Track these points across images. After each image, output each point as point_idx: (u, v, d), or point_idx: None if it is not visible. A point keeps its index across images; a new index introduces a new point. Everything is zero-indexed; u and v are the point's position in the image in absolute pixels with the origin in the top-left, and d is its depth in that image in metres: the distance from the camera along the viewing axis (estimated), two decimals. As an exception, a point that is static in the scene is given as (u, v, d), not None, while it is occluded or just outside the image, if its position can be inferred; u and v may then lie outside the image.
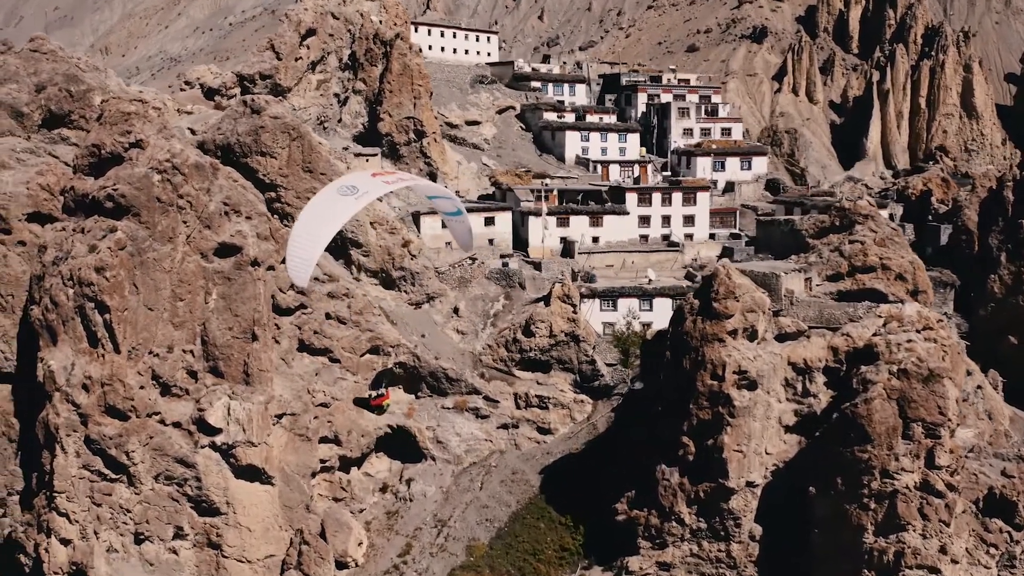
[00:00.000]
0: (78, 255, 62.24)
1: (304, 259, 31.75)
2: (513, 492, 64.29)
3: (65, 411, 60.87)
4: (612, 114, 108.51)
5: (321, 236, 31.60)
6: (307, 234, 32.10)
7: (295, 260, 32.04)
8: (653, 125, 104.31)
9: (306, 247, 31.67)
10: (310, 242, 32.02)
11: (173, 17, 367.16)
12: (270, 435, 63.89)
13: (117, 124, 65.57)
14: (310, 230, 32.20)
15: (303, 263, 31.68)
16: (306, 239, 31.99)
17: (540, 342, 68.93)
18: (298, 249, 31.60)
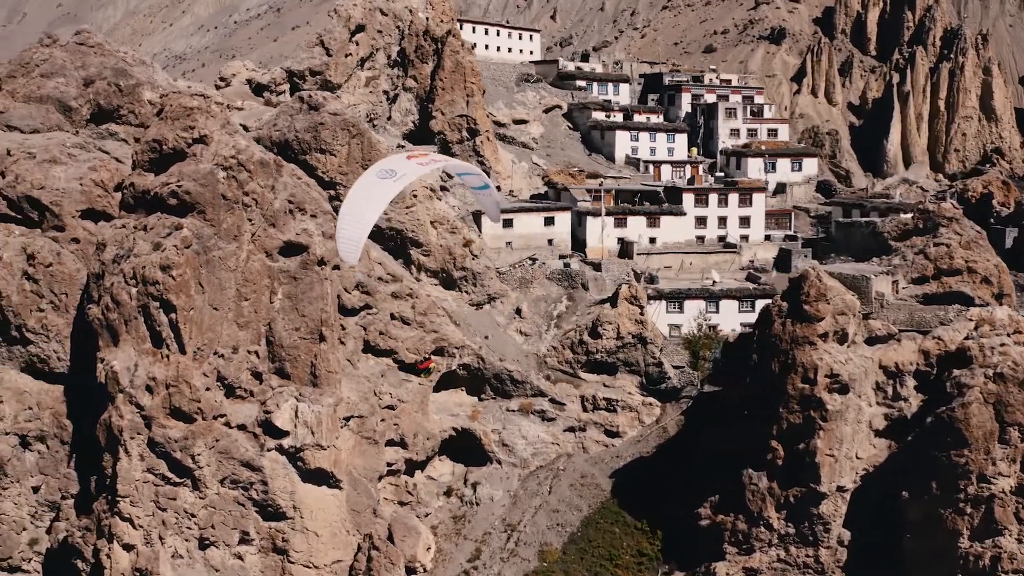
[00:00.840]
0: (141, 253, 59.48)
1: (353, 239, 33.36)
2: (584, 496, 62.02)
3: (129, 413, 57.98)
4: (658, 114, 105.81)
5: (366, 217, 33.16)
6: (353, 216, 33.70)
7: (344, 242, 33.76)
8: (699, 125, 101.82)
9: (353, 228, 33.34)
10: (357, 224, 33.61)
11: (177, 15, 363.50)
12: (338, 438, 61.58)
13: (179, 119, 62.78)
14: (355, 212, 33.80)
15: (352, 243, 33.24)
16: (353, 220, 33.57)
17: (607, 344, 66.49)
18: (346, 230, 33.18)
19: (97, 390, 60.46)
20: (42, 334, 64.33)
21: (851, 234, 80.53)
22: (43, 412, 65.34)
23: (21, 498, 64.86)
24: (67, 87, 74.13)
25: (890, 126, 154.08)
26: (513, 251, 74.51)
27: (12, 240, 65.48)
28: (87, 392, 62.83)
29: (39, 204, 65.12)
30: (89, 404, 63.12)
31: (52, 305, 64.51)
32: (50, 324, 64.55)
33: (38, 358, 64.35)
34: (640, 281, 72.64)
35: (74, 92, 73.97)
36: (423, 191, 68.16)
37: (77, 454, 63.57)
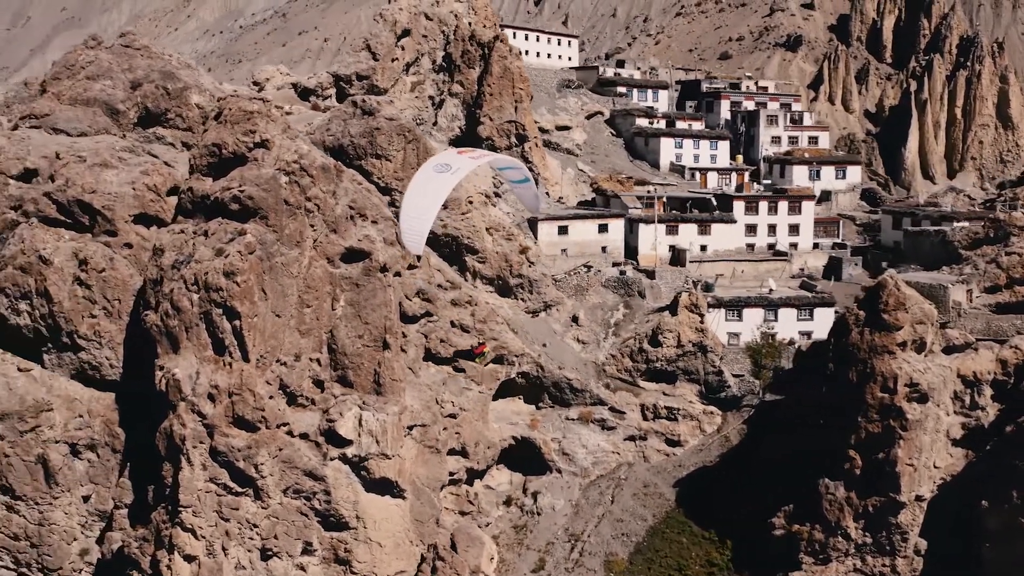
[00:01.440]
0: (203, 259, 57.90)
1: (417, 231, 34.63)
2: (647, 505, 60.79)
3: (191, 422, 56.21)
4: (700, 121, 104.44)
5: (428, 210, 34.35)
6: (416, 208, 34.89)
7: (408, 234, 35.04)
8: (740, 132, 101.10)
9: (416, 220, 34.60)
10: (420, 216, 34.84)
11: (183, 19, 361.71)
12: (402, 447, 60.23)
13: (239, 123, 61.22)
14: (417, 205, 35.03)
15: (417, 235, 34.51)
16: (415, 213, 34.77)
17: (667, 352, 65.44)
18: (409, 222, 34.44)
19: (154, 398, 58.92)
20: (94, 341, 62.70)
21: (919, 243, 79.65)
22: (94, 420, 63.77)
23: (72, 508, 63.26)
24: (114, 90, 72.46)
25: (908, 134, 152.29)
26: (568, 258, 72.96)
27: (63, 245, 63.94)
28: (140, 400, 61.57)
29: (90, 208, 63.49)
30: (143, 412, 61.67)
31: (105, 311, 62.87)
32: (103, 331, 62.86)
33: (89, 365, 62.74)
34: (696, 289, 71.25)
35: (121, 95, 72.30)
36: (478, 197, 66.99)
37: (131, 463, 62.32)
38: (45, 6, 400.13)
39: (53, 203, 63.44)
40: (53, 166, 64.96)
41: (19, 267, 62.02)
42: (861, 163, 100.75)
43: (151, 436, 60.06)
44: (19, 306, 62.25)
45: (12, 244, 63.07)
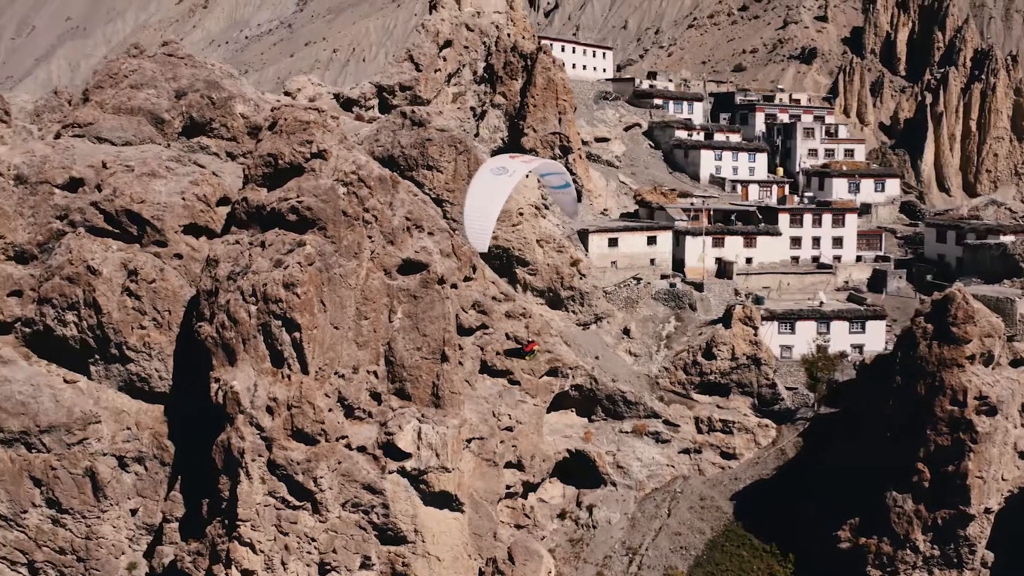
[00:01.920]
0: (260, 270, 56.94)
1: (481, 229, 36.05)
2: (705, 519, 59.98)
3: (249, 434, 55.45)
4: (737, 133, 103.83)
5: (490, 210, 35.80)
6: (478, 208, 36.33)
7: (473, 232, 36.36)
8: (776, 145, 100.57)
9: (480, 219, 36.05)
10: (482, 215, 36.30)
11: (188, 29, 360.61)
12: (461, 460, 59.67)
13: (295, 133, 60.37)
14: (480, 205, 36.46)
15: (482, 233, 35.92)
16: (479, 213, 36.22)
17: (721, 365, 64.92)
18: (473, 222, 35.79)
19: (209, 410, 57.94)
20: (143, 352, 61.55)
21: (979, 256, 79.13)
22: (142, 432, 62.71)
23: (120, 521, 62.23)
24: (158, 99, 71.44)
25: (924, 146, 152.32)
26: (618, 270, 72.37)
27: (111, 255, 63.15)
28: (191, 412, 60.88)
29: (139, 218, 62.39)
30: (193, 424, 61.05)
31: (155, 323, 61.79)
32: (153, 342, 61.63)
33: (138, 377, 61.63)
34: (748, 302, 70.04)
35: (166, 104, 71.31)
36: (529, 208, 66.18)
37: (182, 476, 61.43)
38: (50, 15, 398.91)
39: (100, 213, 62.41)
40: (100, 175, 64.00)
41: (66, 277, 61.01)
42: (899, 176, 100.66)
43: (203, 449, 59.18)
44: (66, 317, 61.24)
45: (59, 254, 62.13)
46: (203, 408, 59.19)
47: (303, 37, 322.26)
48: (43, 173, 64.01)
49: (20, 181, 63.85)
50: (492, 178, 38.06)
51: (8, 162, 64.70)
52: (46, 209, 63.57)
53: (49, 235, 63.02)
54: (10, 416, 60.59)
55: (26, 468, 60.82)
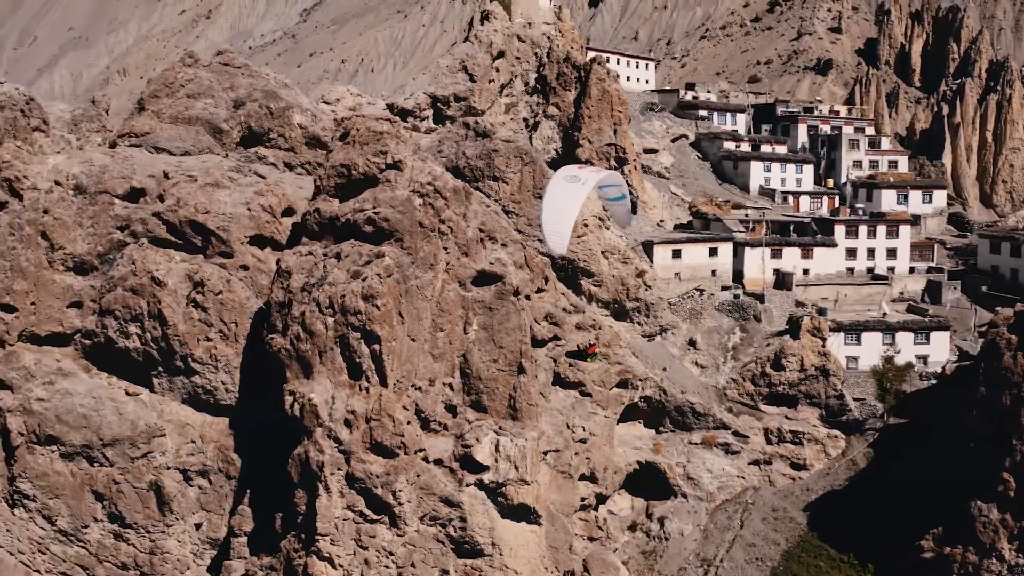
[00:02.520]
0: (337, 281, 56.10)
1: (559, 232, 37.55)
2: (779, 530, 59.12)
3: (328, 448, 54.88)
4: (783, 144, 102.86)
5: (567, 215, 37.18)
6: (556, 212, 37.80)
7: (552, 235, 37.97)
8: (820, 156, 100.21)
9: (558, 223, 37.50)
10: (560, 220, 37.74)
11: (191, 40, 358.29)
12: (539, 473, 59.32)
13: (368, 144, 59.40)
14: (557, 208, 37.93)
15: (560, 236, 37.53)
16: (557, 218, 37.64)
17: (790, 376, 64.41)
18: (552, 225, 37.30)
19: (279, 423, 57.33)
20: (209, 364, 60.28)
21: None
22: (207, 445, 61.51)
23: (185, 535, 61.40)
24: (216, 108, 70.15)
25: (942, 157, 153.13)
26: (681, 282, 71.72)
27: (175, 266, 62.36)
28: (259, 425, 60.00)
29: (204, 229, 61.21)
30: (262, 438, 60.14)
31: (221, 334, 60.60)
32: (219, 354, 60.93)
33: (203, 389, 60.40)
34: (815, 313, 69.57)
35: (224, 114, 69.82)
36: (593, 220, 65.21)
37: (251, 489, 60.49)
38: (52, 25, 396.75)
39: (163, 223, 61.47)
40: (161, 186, 62.89)
41: (130, 289, 59.85)
42: (946, 187, 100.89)
43: (273, 462, 58.22)
44: (128, 329, 60.05)
45: (121, 265, 60.99)
46: (273, 421, 58.29)
47: (308, 48, 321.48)
48: (103, 183, 62.90)
49: (79, 191, 62.78)
50: (567, 185, 39.02)
51: (66, 171, 63.73)
52: (106, 220, 62.43)
53: (110, 246, 61.84)
54: (72, 429, 59.42)
55: (88, 482, 59.58)
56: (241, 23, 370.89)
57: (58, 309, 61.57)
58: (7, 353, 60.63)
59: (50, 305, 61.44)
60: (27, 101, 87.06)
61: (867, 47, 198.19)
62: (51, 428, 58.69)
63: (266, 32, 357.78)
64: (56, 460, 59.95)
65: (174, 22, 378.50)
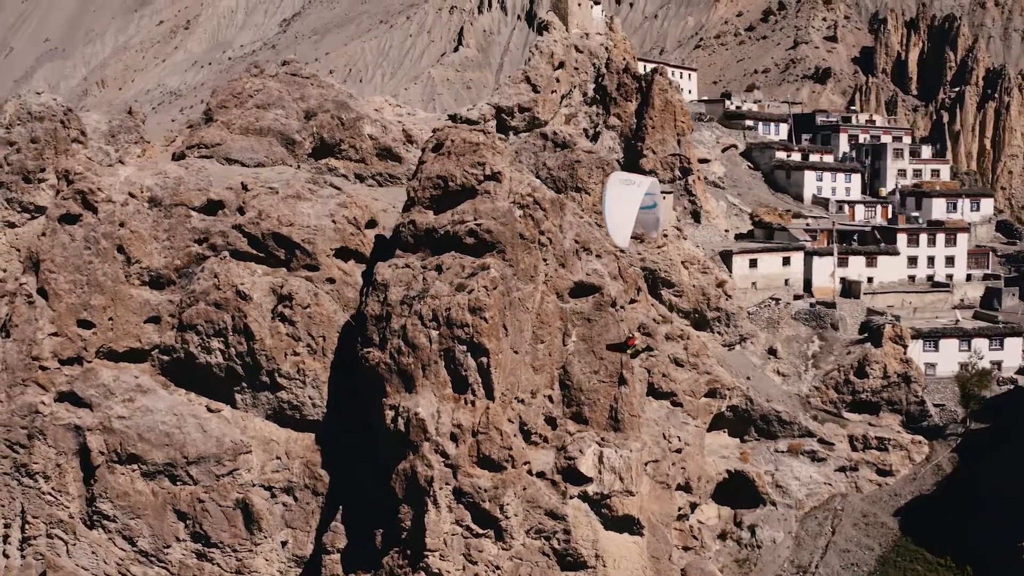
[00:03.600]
0: (440, 294, 55.11)
1: (622, 228, 39.34)
2: (871, 535, 58.70)
3: (436, 462, 53.94)
4: (829, 154, 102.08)
5: (627, 212, 38.93)
6: (617, 209, 39.38)
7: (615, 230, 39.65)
8: (865, 165, 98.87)
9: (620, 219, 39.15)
10: (621, 216, 39.24)
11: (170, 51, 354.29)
12: (641, 483, 59.10)
13: (465, 155, 58.20)
14: (617, 206, 39.63)
15: (622, 231, 39.21)
16: (618, 214, 39.27)
17: (873, 383, 64.01)
18: (614, 219, 39.05)
19: (371, 438, 56.37)
20: (297, 379, 58.55)
21: None
22: (292, 462, 59.88)
23: (272, 554, 60.16)
24: (288, 119, 68.15)
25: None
26: (757, 291, 71.31)
27: (258, 280, 61.27)
28: (349, 440, 58.93)
29: (288, 242, 59.40)
30: (349, 452, 59.11)
31: (308, 349, 59.35)
32: (307, 368, 60.03)
33: (289, 404, 58.70)
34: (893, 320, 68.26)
35: (296, 125, 67.69)
36: (672, 230, 65.19)
37: (343, 505, 59.26)
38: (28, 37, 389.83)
39: (244, 236, 60.24)
40: (240, 198, 61.78)
41: (213, 303, 58.30)
42: (993, 196, 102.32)
43: (364, 477, 57.47)
44: (211, 344, 58.44)
45: (203, 279, 59.45)
46: (362, 436, 57.44)
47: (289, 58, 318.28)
48: (178, 195, 61.34)
49: (154, 203, 61.51)
50: (623, 187, 41.51)
51: (140, 183, 62.39)
52: (183, 232, 60.83)
53: (188, 259, 60.23)
54: (154, 447, 57.80)
55: (170, 501, 57.93)
56: (220, 34, 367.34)
57: (135, 324, 60.00)
58: (85, 370, 59.10)
59: (127, 320, 59.87)
60: (65, 112, 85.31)
61: (863, 55, 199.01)
62: (133, 446, 57.14)
63: (245, 43, 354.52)
64: (137, 479, 58.32)
65: (152, 33, 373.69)
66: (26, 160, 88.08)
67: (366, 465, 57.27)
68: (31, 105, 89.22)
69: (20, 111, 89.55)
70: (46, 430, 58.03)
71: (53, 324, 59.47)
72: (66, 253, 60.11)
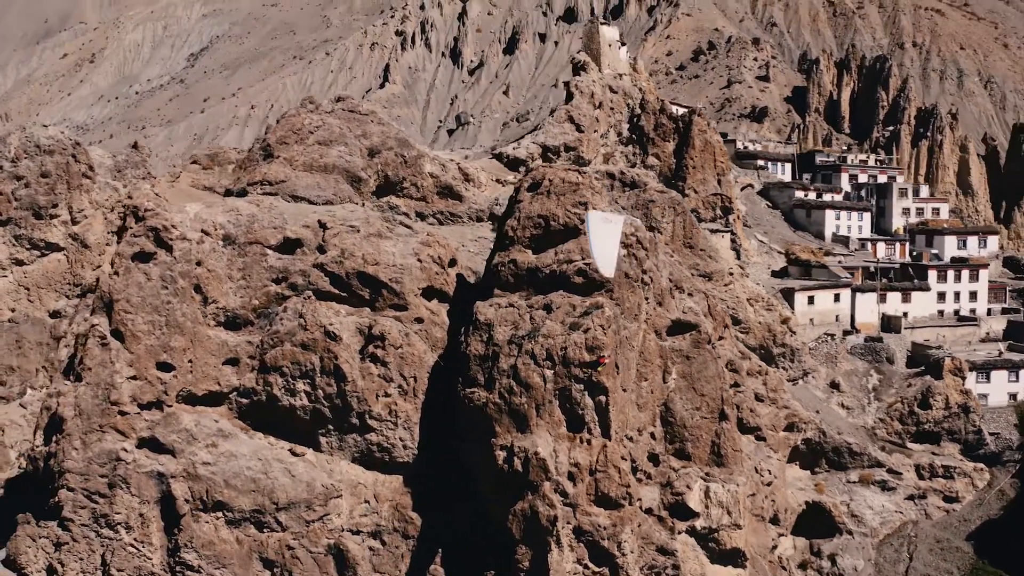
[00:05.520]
0: (553, 333, 56.31)
1: (609, 258, 46.96)
2: (948, 559, 60.86)
3: (558, 501, 54.91)
4: (838, 193, 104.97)
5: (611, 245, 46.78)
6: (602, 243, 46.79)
7: (602, 262, 46.77)
8: (870, 204, 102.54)
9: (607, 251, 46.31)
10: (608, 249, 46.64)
11: (75, 84, 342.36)
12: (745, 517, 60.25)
13: (565, 195, 59.33)
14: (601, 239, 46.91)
15: (609, 261, 46.68)
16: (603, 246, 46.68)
17: (935, 414, 66.55)
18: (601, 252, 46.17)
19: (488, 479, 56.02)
20: (388, 421, 57.79)
21: None
22: (381, 505, 59.33)
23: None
24: (352, 156, 67.54)
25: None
26: (814, 327, 73.42)
27: (344, 320, 60.84)
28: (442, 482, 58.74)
29: (374, 281, 58.98)
30: (442, 495, 58.89)
31: (400, 390, 59.37)
32: (399, 410, 59.80)
33: (379, 447, 57.58)
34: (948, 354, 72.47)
35: (360, 162, 66.50)
36: (737, 269, 68.07)
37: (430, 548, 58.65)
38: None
39: (327, 275, 59.95)
40: (319, 236, 61.56)
41: (300, 344, 57.59)
42: (998, 233, 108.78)
43: (464, 519, 57.39)
44: (296, 386, 57.71)
45: (287, 319, 58.33)
46: (455, 476, 57.46)
47: (200, 92, 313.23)
48: (252, 233, 60.17)
49: (227, 241, 60.71)
50: (604, 224, 48.23)
51: (211, 221, 61.44)
52: (259, 271, 59.63)
53: (266, 299, 59.27)
54: (241, 494, 56.29)
55: (256, 549, 56.40)
56: (127, 68, 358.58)
57: (214, 367, 58.48)
58: (166, 415, 57.46)
59: (206, 362, 58.32)
60: (74, 145, 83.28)
61: (795, 95, 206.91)
62: (219, 493, 55.50)
63: (153, 77, 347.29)
64: (221, 527, 56.60)
65: (56, 66, 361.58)
66: (37, 195, 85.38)
67: (460, 506, 57.35)
68: (38, 138, 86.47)
69: (26, 144, 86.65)
70: (129, 478, 56.04)
71: (131, 367, 57.55)
72: (142, 293, 58.16)
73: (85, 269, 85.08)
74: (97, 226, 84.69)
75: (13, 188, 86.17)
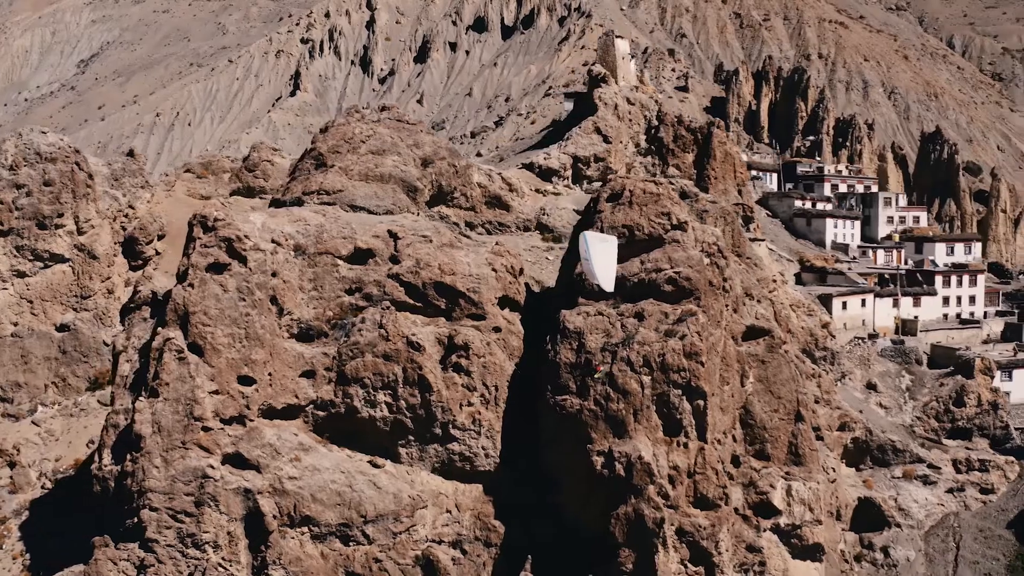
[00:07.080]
0: (648, 340, 58.12)
1: (607, 274, 49.57)
2: (993, 547, 64.08)
3: (662, 504, 56.96)
4: (827, 202, 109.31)
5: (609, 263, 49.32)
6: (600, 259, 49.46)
7: (603, 278, 49.25)
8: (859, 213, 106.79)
9: (605, 268, 49.10)
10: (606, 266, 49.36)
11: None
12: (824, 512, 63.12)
13: (648, 205, 61.60)
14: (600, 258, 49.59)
15: (608, 277, 49.22)
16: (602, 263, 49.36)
17: (968, 412, 70.53)
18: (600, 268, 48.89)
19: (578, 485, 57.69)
20: (471, 430, 58.82)
21: None
22: (463, 514, 60.22)
23: (444, 612, 59.89)
24: (407, 166, 68.54)
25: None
26: (847, 331, 76.97)
27: (422, 330, 61.41)
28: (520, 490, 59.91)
29: (451, 291, 60.03)
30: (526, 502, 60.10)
31: (482, 399, 60.38)
32: (482, 419, 60.65)
33: (460, 456, 57.98)
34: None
35: (416, 172, 66.66)
36: (780, 277, 71.59)
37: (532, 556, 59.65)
38: None
39: (402, 286, 60.68)
40: (391, 246, 62.16)
41: (381, 354, 58.21)
42: (981, 240, 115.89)
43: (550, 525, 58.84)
44: (376, 397, 58.31)
45: (366, 330, 58.32)
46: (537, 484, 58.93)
47: (93, 100, 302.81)
48: (322, 243, 60.15)
49: (298, 252, 60.69)
50: (598, 242, 50.77)
51: (279, 231, 61.35)
52: (331, 282, 59.61)
53: (340, 310, 59.65)
54: (327, 508, 56.26)
55: (342, 563, 56.21)
56: (14, 74, 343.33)
57: (292, 379, 58.18)
58: (249, 430, 57.06)
59: (284, 375, 58.04)
60: (75, 152, 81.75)
61: (714, 105, 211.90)
62: (307, 508, 55.31)
63: (42, 84, 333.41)
64: (307, 542, 56.50)
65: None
66: (40, 204, 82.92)
67: (540, 513, 58.78)
68: (38, 145, 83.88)
69: (25, 151, 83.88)
70: (218, 496, 55.39)
71: (213, 381, 57.00)
72: (220, 305, 57.47)
73: (93, 281, 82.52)
74: (105, 236, 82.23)
75: (14, 197, 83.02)
